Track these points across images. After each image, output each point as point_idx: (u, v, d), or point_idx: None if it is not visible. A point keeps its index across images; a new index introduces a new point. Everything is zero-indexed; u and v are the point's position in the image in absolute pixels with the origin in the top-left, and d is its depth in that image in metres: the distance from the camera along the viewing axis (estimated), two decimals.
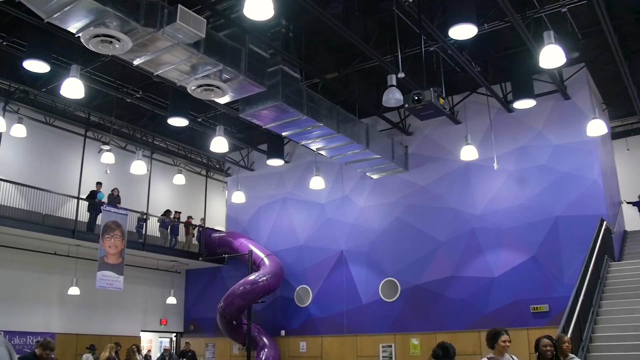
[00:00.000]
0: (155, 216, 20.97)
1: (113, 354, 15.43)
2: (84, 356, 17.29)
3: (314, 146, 16.80)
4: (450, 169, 18.14)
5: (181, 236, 21.93)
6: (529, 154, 16.93)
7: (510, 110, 17.01)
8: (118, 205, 18.82)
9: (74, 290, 18.27)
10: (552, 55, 10.68)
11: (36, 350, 8.97)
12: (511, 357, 7.15)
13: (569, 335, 8.93)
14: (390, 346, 18.28)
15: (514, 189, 16.98)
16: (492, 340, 7.14)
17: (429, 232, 18.17)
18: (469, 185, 17.73)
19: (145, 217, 20.31)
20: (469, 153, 15.71)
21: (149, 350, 21.62)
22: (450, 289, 17.41)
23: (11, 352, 2.81)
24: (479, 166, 17.28)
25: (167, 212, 21.42)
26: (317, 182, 18.98)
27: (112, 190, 19.25)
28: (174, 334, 23.82)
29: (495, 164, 15.91)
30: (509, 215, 16.82)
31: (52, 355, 9.49)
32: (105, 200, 18.87)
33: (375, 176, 19.13)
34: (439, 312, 17.48)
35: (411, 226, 18.57)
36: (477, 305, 16.72)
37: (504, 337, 7.07)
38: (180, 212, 21.96)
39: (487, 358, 7.08)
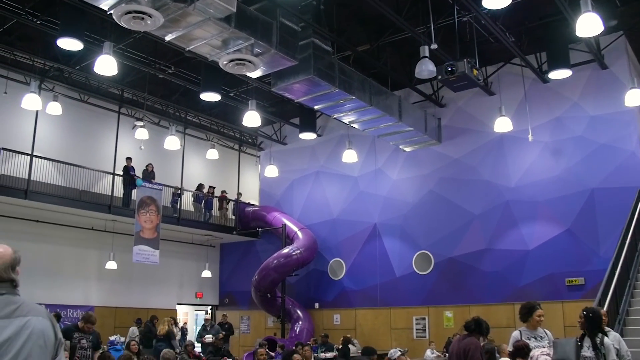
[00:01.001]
0: (190, 191, 21.16)
1: (172, 327, 15.72)
2: (130, 329, 17.58)
3: (346, 119, 16.73)
4: (484, 141, 17.94)
5: (215, 210, 22.10)
6: (564, 125, 16.64)
7: (546, 80, 16.68)
8: (152, 180, 19.01)
9: (112, 265, 18.60)
10: (589, 24, 10.40)
11: (79, 323, 9.48)
12: (544, 330, 7.11)
13: (605, 308, 8.84)
14: (424, 319, 18.32)
15: (549, 161, 16.74)
16: (527, 314, 7.09)
17: (462, 204, 18.05)
18: (503, 158, 17.52)
19: (179, 192, 20.50)
20: (503, 125, 15.49)
21: (185, 323, 21.96)
22: (484, 262, 17.32)
23: (54, 325, 2.90)
24: (513, 138, 17.05)
25: (200, 187, 21.58)
26: (349, 155, 18.93)
27: (147, 166, 19.43)
28: (210, 307, 24.18)
29: (529, 135, 15.69)
30: (544, 188, 16.61)
31: (93, 328, 9.84)
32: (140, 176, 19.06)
33: (408, 149, 19.02)
34: (472, 284, 17.43)
35: (444, 199, 18.47)
36: (511, 278, 16.62)
37: (539, 311, 7.02)
38: (214, 187, 22.12)
39: (520, 331, 7.05)
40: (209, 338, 14.82)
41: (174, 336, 16.39)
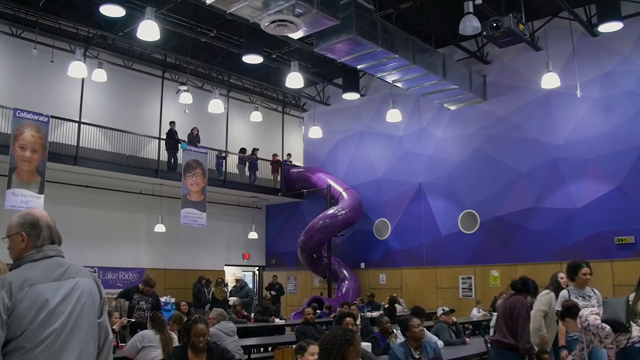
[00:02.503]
0: (234, 154, 21.30)
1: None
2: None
3: (389, 78, 16.54)
4: (531, 97, 17.56)
5: (261, 173, 22.23)
6: (615, 79, 16.14)
7: (595, 34, 16.14)
8: (197, 144, 19.19)
9: (160, 228, 18.97)
10: None
11: (139, 285, 9.86)
12: (593, 290, 7.02)
13: None
14: (470, 278, 18.28)
15: (598, 117, 16.32)
16: (572, 272, 7.03)
17: (508, 163, 17.79)
18: (551, 115, 17.15)
19: (224, 154, 20.66)
20: (550, 81, 15.12)
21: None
22: (531, 221, 17.12)
23: (99, 285, 3.05)
24: (561, 94, 16.63)
25: (243, 150, 21.72)
26: (393, 115, 18.76)
27: (192, 130, 19.60)
28: (257, 268, 24.53)
29: (578, 91, 15.26)
30: (593, 145, 16.22)
31: (153, 290, 10.19)
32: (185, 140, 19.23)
33: (452, 107, 18.75)
34: (519, 243, 17.27)
35: (490, 157, 18.22)
36: (559, 237, 16.40)
37: (584, 269, 6.95)
38: (257, 149, 22.22)
39: (569, 290, 6.99)
40: (232, 300, 14.91)
41: (226, 297, 16.89)
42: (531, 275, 7.04)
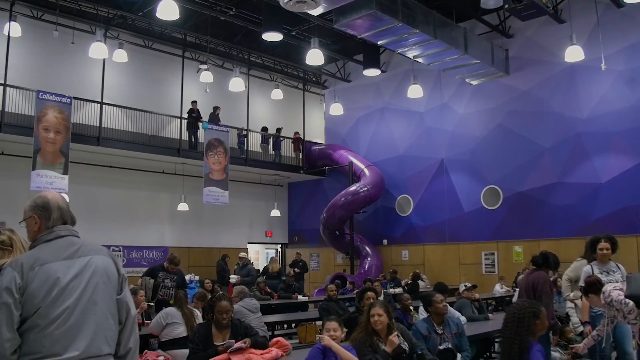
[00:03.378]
0: (256, 132, 21.34)
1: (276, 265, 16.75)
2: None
3: (410, 54, 16.42)
4: (554, 71, 17.32)
5: (284, 151, 22.27)
6: None
7: (620, 5, 15.84)
8: (219, 123, 19.23)
9: (183, 207, 19.11)
10: None
11: (164, 263, 9.99)
12: (617, 265, 6.97)
13: None
14: (493, 254, 18.23)
15: (624, 90, 16.05)
16: (591, 248, 7.00)
17: (531, 137, 17.61)
18: (574, 88, 16.91)
19: (245, 133, 20.70)
20: (574, 54, 14.86)
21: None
22: (555, 196, 16.98)
23: (116, 262, 3.15)
24: (585, 67, 16.38)
25: (265, 129, 21.77)
26: (415, 91, 18.60)
27: (214, 109, 19.64)
28: (279, 245, 24.67)
29: (602, 64, 14.97)
30: (618, 118, 15.98)
31: (178, 268, 10.31)
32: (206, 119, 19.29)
33: (474, 82, 18.58)
34: (543, 219, 17.16)
35: (513, 132, 18.05)
36: (583, 212, 16.26)
37: (601, 244, 6.90)
38: (281, 128, 22.27)
39: (592, 266, 6.95)
40: (233, 278, 14.98)
41: (284, 273, 17.11)
42: (555, 251, 7.00)
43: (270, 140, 21.85)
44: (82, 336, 2.79)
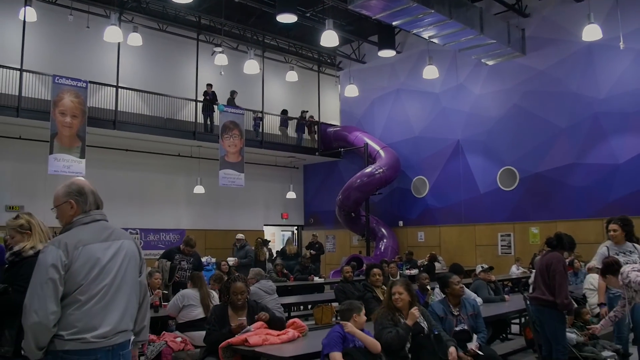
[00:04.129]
0: (271, 114, 21.33)
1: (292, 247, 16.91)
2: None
3: (425, 34, 16.30)
4: (571, 51, 17.12)
5: (295, 131, 22.30)
6: None
7: None
8: (235, 105, 19.23)
9: (199, 189, 19.19)
10: None
11: (180, 245, 10.11)
12: (634, 245, 6.93)
13: None
14: (509, 235, 18.17)
15: None
16: (606, 229, 7.01)
17: (548, 118, 17.47)
18: (592, 68, 16.71)
19: (261, 115, 20.70)
20: (591, 32, 14.66)
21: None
22: (572, 177, 16.86)
23: (139, 248, 3.43)
24: (603, 46, 16.16)
25: (285, 112, 21.82)
26: (430, 72, 18.48)
27: (232, 93, 19.65)
28: (295, 227, 24.74)
29: (621, 43, 14.76)
30: (636, 98, 15.76)
31: (194, 251, 10.41)
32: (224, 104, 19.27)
33: (490, 62, 18.42)
34: (559, 200, 17.05)
35: (530, 113, 17.90)
36: (600, 193, 16.13)
37: (610, 225, 6.95)
38: (307, 111, 22.30)
39: (607, 247, 6.93)
40: (231, 260, 15.05)
41: (301, 254, 17.23)
42: (572, 232, 6.96)
43: (290, 123, 21.89)
44: (115, 312, 3.11)
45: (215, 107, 18.73)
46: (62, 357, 2.93)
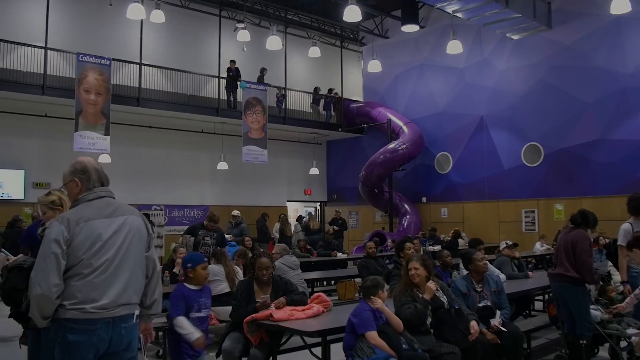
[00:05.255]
0: (294, 90, 21.29)
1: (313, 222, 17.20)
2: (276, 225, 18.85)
3: (449, 8, 16.15)
4: (599, 24, 16.81)
5: (318, 108, 22.27)
6: None
7: None
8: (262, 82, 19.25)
9: (223, 166, 19.28)
10: None
11: (204, 221, 10.21)
12: None
13: None
14: (533, 212, 18.06)
15: None
16: (636, 207, 6.90)
17: (574, 93, 17.23)
18: (620, 42, 16.41)
19: (283, 91, 20.69)
20: (620, 5, 14.32)
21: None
22: (598, 153, 16.66)
23: (146, 223, 3.53)
24: (632, 19, 15.86)
25: (317, 89, 21.84)
26: (454, 46, 18.24)
27: (261, 71, 19.67)
28: (318, 203, 24.81)
29: None
30: None
31: (217, 226, 10.50)
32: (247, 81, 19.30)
33: (515, 37, 18.19)
34: (585, 176, 16.89)
35: (555, 88, 17.68)
36: (626, 170, 15.92)
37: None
38: (334, 89, 22.32)
39: (631, 223, 6.85)
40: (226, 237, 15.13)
41: (324, 228, 17.36)
42: (597, 209, 6.95)
43: (311, 99, 21.89)
44: (116, 285, 3.20)
45: (239, 83, 18.74)
46: (64, 324, 3.06)
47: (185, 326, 4.92)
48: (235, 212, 15.53)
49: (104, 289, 3.14)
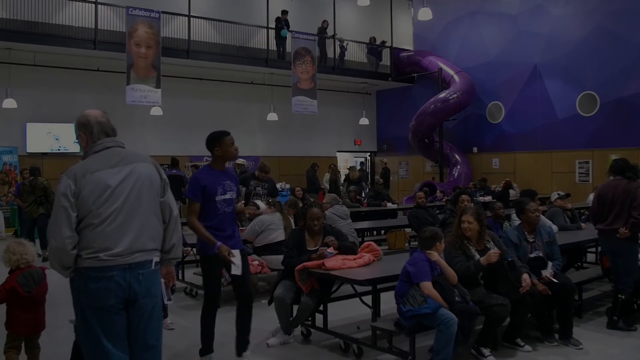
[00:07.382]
0: (349, 40, 21.06)
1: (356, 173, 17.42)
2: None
3: None
4: None
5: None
6: None
7: None
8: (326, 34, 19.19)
9: (272, 117, 19.36)
10: None
11: (255, 172, 10.39)
12: None
13: None
14: (588, 162, 17.70)
15: None
16: None
17: (634, 40, 16.59)
18: None
19: (345, 43, 20.53)
20: None
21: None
22: None
23: (158, 169, 3.54)
24: None
25: (372, 40, 21.74)
26: None
27: (323, 23, 19.56)
28: (368, 154, 24.79)
29: None
30: None
31: (269, 176, 10.67)
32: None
33: None
34: None
35: (614, 34, 17.05)
36: None
37: None
38: (385, 41, 22.18)
39: None
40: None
41: (364, 179, 17.45)
42: None
43: (362, 47, 21.75)
44: (129, 233, 3.26)
45: (282, 32, 18.67)
46: (83, 273, 3.18)
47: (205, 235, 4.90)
48: (241, 160, 15.61)
49: (117, 238, 3.21)
